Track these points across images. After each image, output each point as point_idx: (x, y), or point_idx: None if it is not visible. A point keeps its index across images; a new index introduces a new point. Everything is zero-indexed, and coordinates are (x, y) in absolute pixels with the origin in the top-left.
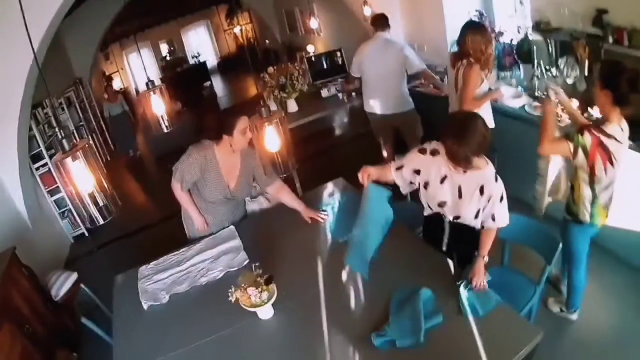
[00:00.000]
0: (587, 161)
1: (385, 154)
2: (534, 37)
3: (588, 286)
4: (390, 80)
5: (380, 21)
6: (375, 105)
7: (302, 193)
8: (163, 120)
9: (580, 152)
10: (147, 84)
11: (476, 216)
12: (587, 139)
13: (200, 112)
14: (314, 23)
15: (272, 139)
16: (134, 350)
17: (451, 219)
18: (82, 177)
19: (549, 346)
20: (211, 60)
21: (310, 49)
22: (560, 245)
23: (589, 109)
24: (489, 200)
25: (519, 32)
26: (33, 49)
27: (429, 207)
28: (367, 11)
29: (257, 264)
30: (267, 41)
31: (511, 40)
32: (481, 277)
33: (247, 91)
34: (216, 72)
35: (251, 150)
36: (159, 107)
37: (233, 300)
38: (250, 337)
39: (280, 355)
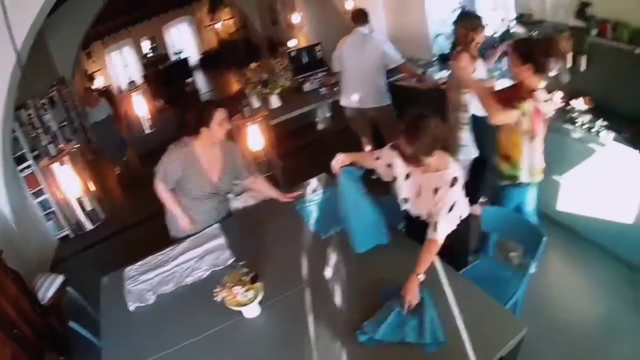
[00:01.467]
0: (531, 125)
1: (366, 147)
2: (517, 29)
3: (576, 280)
4: (368, 74)
5: (359, 16)
6: (352, 99)
7: (286, 189)
8: (144, 121)
9: (525, 118)
10: (128, 84)
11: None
12: (529, 106)
13: (181, 108)
14: (296, 17)
15: (255, 138)
16: (122, 352)
17: (413, 216)
18: (70, 183)
19: (536, 340)
20: (194, 57)
21: (292, 43)
22: (545, 238)
23: (572, 101)
24: (437, 205)
25: (502, 25)
26: (16, 49)
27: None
28: (349, 5)
29: (241, 263)
30: (249, 36)
31: (494, 33)
32: (412, 296)
33: (229, 87)
34: (199, 68)
35: (233, 144)
36: (141, 107)
37: (219, 300)
38: (238, 336)
39: (268, 353)
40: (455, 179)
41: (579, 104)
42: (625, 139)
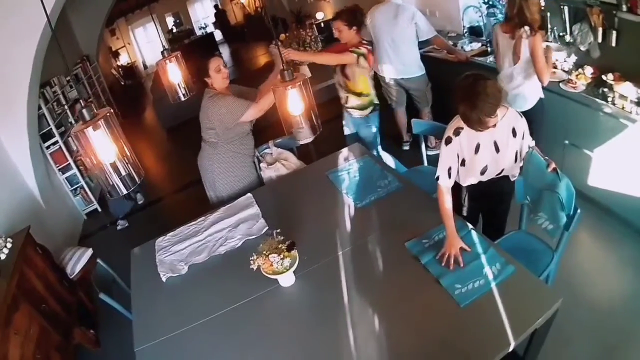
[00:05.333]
0: (367, 63)
1: (398, 118)
2: (547, 3)
3: (606, 258)
4: (401, 45)
5: None
6: (386, 70)
7: (317, 159)
8: (180, 88)
9: (361, 58)
10: (162, 53)
11: (516, 159)
12: (363, 49)
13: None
14: None
15: (295, 103)
16: (153, 323)
17: (495, 177)
18: (105, 147)
19: (562, 315)
20: (218, 32)
21: (319, 15)
22: (579, 211)
23: (602, 76)
24: (523, 138)
25: None
26: (50, 23)
27: (468, 181)
28: None
29: (277, 231)
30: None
31: None
32: (453, 248)
33: (255, 60)
34: (224, 43)
35: (236, 86)
36: (175, 75)
37: (255, 268)
38: (272, 305)
39: (304, 322)
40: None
41: (609, 79)
42: None
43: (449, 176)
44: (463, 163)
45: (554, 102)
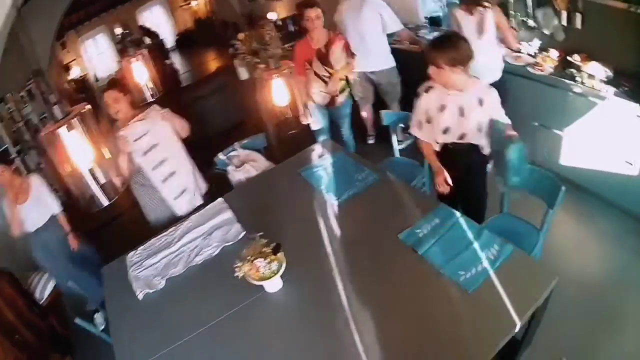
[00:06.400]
0: None
1: (364, 114)
2: None
3: (583, 233)
4: (368, 37)
5: None
6: (357, 63)
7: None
8: (147, 89)
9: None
10: (123, 51)
11: (480, 130)
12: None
13: None
14: None
15: (281, 92)
16: (136, 346)
17: (456, 140)
18: (81, 151)
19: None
20: (170, 39)
21: (272, 15)
22: (563, 188)
23: (569, 57)
24: (490, 111)
25: None
26: None
27: (436, 141)
28: None
29: (261, 234)
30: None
31: None
32: (442, 173)
33: (207, 65)
34: (175, 50)
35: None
36: (141, 75)
37: (240, 276)
38: (261, 314)
39: (295, 328)
40: (490, 88)
41: (576, 60)
42: (625, 93)
43: (420, 128)
44: (430, 120)
45: (522, 84)
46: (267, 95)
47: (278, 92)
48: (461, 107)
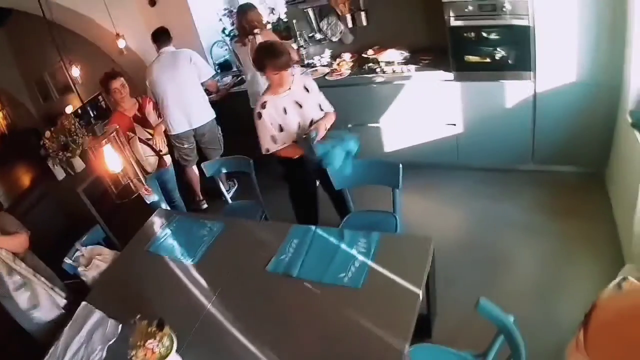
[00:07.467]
0: None
1: (191, 177)
2: (290, 11)
3: (438, 202)
4: (190, 91)
5: (162, 35)
6: (179, 123)
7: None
8: None
9: None
10: None
11: (320, 108)
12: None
13: None
14: (74, 71)
15: (112, 158)
16: None
17: (309, 125)
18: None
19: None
20: None
21: (69, 109)
22: (400, 165)
23: (363, 55)
24: (314, 93)
25: (272, 14)
26: None
27: (294, 141)
28: (122, 44)
29: (138, 317)
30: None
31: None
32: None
33: (22, 179)
34: None
35: None
36: None
37: None
38: None
39: None
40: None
41: (370, 55)
42: (426, 66)
43: (275, 142)
44: (281, 129)
45: (326, 94)
46: (101, 165)
47: (110, 159)
48: (296, 101)
